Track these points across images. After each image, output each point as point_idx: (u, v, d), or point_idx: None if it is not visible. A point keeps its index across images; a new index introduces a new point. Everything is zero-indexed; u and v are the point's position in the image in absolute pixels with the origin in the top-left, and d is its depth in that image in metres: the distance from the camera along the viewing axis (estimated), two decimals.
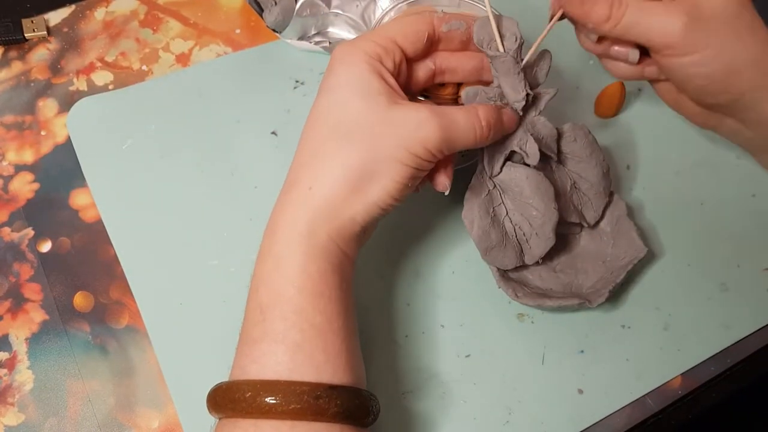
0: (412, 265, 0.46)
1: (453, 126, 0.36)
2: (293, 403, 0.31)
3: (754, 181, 0.51)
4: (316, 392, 0.32)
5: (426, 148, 0.35)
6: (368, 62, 0.36)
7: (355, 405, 0.33)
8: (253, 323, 0.34)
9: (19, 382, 0.41)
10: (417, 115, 0.35)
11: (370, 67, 0.36)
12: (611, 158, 0.51)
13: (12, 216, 0.46)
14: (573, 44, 0.44)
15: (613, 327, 0.45)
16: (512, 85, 0.40)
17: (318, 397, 0.31)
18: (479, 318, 0.44)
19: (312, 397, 0.31)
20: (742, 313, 0.46)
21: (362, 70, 0.36)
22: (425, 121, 0.35)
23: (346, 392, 0.33)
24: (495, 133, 0.39)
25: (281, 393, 0.31)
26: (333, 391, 0.32)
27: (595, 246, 0.46)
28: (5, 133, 0.50)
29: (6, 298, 0.44)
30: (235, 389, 0.32)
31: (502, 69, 0.40)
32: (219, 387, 0.34)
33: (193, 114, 0.51)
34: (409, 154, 0.35)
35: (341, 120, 0.35)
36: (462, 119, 0.36)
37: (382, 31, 0.38)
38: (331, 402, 0.32)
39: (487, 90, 0.41)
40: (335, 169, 0.35)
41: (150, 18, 0.56)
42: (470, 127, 0.37)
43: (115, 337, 0.43)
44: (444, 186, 0.39)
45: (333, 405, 0.32)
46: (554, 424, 0.41)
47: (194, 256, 0.45)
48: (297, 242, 0.34)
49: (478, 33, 0.41)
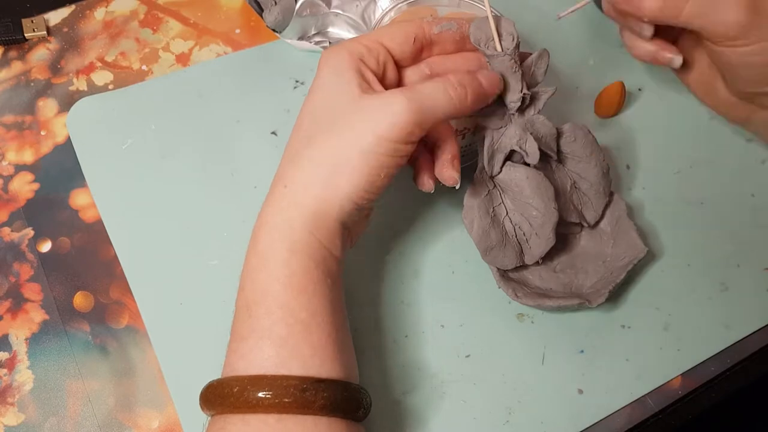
0: (411, 265, 0.46)
1: (424, 98, 0.35)
2: (280, 396, 0.31)
3: (754, 181, 0.51)
4: (303, 385, 0.32)
5: (397, 127, 0.34)
6: (348, 60, 0.36)
7: (344, 398, 0.33)
8: (241, 321, 0.35)
9: (19, 382, 0.41)
10: (385, 95, 0.35)
11: (349, 64, 0.36)
12: (611, 158, 0.51)
13: (12, 216, 0.46)
14: (573, 44, 0.44)
15: (613, 327, 0.45)
16: (510, 85, 0.41)
17: (304, 390, 0.32)
18: (479, 318, 0.44)
19: (298, 390, 0.32)
20: (742, 313, 0.46)
21: (342, 67, 0.36)
22: (391, 97, 0.34)
23: (333, 385, 0.33)
24: (476, 98, 0.37)
25: (268, 387, 0.32)
26: (319, 384, 0.32)
27: (595, 246, 0.46)
28: (5, 133, 0.50)
29: (6, 298, 0.44)
30: (224, 385, 0.33)
31: (500, 69, 0.40)
32: (210, 384, 0.34)
33: (193, 114, 0.51)
34: (377, 138, 0.34)
35: (317, 116, 0.36)
36: (432, 88, 0.35)
37: (370, 33, 0.38)
38: (318, 395, 0.32)
39: None
40: (307, 165, 0.35)
41: (150, 18, 0.56)
42: (444, 95, 0.36)
43: (115, 337, 0.43)
44: (453, 180, 0.38)
45: (320, 398, 0.32)
46: (554, 424, 0.41)
47: (194, 256, 0.45)
48: (279, 239, 0.35)
49: (475, 33, 0.41)
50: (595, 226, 0.46)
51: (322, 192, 0.35)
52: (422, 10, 0.47)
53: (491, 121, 0.42)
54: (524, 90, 0.41)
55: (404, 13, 0.47)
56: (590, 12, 0.58)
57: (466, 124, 0.45)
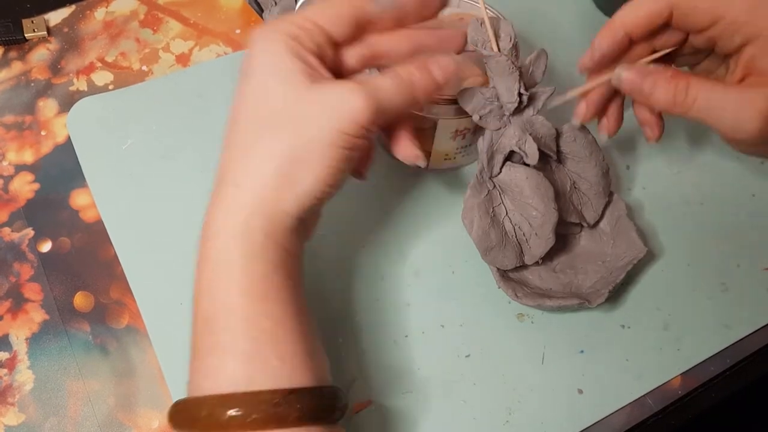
0: (411, 265, 0.46)
1: (380, 94, 0.33)
2: (253, 413, 0.30)
3: (754, 181, 0.51)
4: (275, 400, 0.30)
5: (357, 122, 0.32)
6: (285, 42, 0.33)
7: (318, 405, 0.32)
8: (200, 336, 0.32)
9: (20, 382, 0.41)
10: (341, 89, 0.33)
11: (287, 47, 0.33)
12: (611, 158, 0.51)
13: (12, 216, 0.46)
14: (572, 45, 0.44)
15: (613, 327, 0.45)
16: (507, 86, 0.40)
17: (277, 404, 0.30)
18: (479, 318, 0.44)
19: (270, 405, 0.30)
20: (742, 313, 0.46)
21: (278, 50, 0.33)
22: (350, 93, 0.33)
23: (306, 394, 0.31)
24: (431, 90, 0.36)
25: (239, 405, 0.30)
26: (292, 395, 0.31)
27: (594, 246, 0.46)
28: (5, 133, 0.50)
29: (6, 298, 0.44)
30: (192, 407, 0.31)
31: (497, 69, 0.40)
32: (176, 405, 0.32)
33: (193, 114, 0.51)
34: (340, 133, 0.32)
35: (260, 107, 0.33)
36: (388, 84, 0.34)
37: (302, 12, 0.35)
38: (291, 407, 0.30)
39: (483, 90, 0.41)
40: (260, 161, 0.32)
41: (150, 18, 0.56)
42: (398, 90, 0.34)
43: (115, 337, 0.43)
44: (417, 157, 0.37)
45: (293, 410, 0.30)
46: (554, 424, 0.41)
47: (194, 256, 0.45)
48: (233, 245, 0.32)
49: (472, 34, 0.41)
50: (595, 226, 0.46)
51: (279, 189, 0.32)
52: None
53: (490, 121, 0.42)
54: (522, 90, 0.41)
55: None
56: (590, 12, 0.58)
57: (465, 125, 0.45)
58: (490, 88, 0.41)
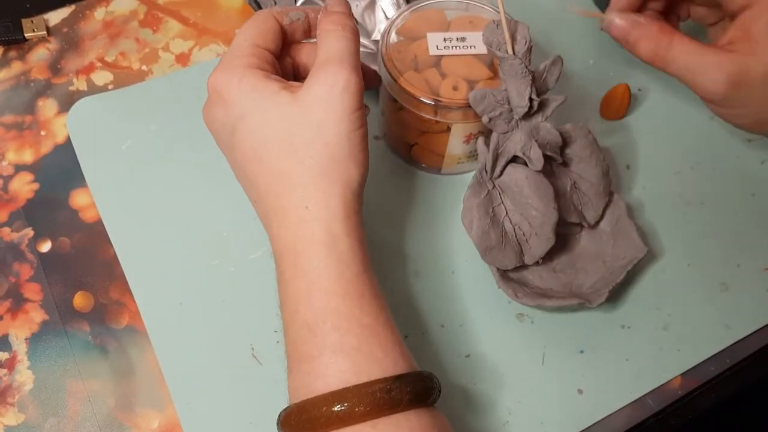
0: (412, 265, 0.46)
1: (342, 53, 0.37)
2: (369, 403, 0.32)
3: (754, 181, 0.51)
4: (387, 386, 0.32)
5: (353, 93, 0.36)
6: (252, 73, 0.36)
7: (423, 387, 0.33)
8: (305, 341, 0.34)
9: (19, 382, 0.41)
10: (326, 77, 0.36)
11: (257, 76, 0.36)
12: (611, 158, 0.51)
13: (12, 216, 0.46)
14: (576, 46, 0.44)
15: (613, 327, 0.45)
16: (518, 89, 0.40)
17: (389, 390, 0.32)
18: (479, 318, 0.44)
19: (385, 392, 0.32)
20: (742, 313, 0.46)
21: (254, 83, 0.36)
22: (333, 76, 0.35)
23: (411, 378, 0.33)
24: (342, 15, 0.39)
25: (355, 398, 0.32)
26: (400, 380, 0.33)
27: (595, 246, 0.46)
28: (5, 133, 0.50)
29: (6, 298, 0.44)
30: (308, 408, 0.32)
31: (510, 72, 0.40)
32: (290, 411, 0.33)
33: (193, 114, 0.51)
34: (349, 115, 0.35)
35: (275, 134, 0.36)
36: (334, 41, 0.37)
37: (241, 43, 0.38)
38: (403, 391, 0.32)
39: (494, 92, 0.41)
40: (306, 176, 0.35)
41: (150, 18, 0.56)
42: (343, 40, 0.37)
43: (115, 337, 0.43)
44: None
45: (405, 393, 0.32)
46: (554, 424, 0.41)
47: (194, 256, 0.45)
48: (325, 255, 0.35)
49: (488, 35, 0.41)
50: (595, 226, 0.46)
51: (341, 195, 0.35)
52: (430, 15, 0.47)
53: (499, 124, 0.42)
54: (533, 95, 0.40)
55: (410, 20, 0.46)
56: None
57: (478, 129, 0.45)
58: (502, 90, 0.41)
